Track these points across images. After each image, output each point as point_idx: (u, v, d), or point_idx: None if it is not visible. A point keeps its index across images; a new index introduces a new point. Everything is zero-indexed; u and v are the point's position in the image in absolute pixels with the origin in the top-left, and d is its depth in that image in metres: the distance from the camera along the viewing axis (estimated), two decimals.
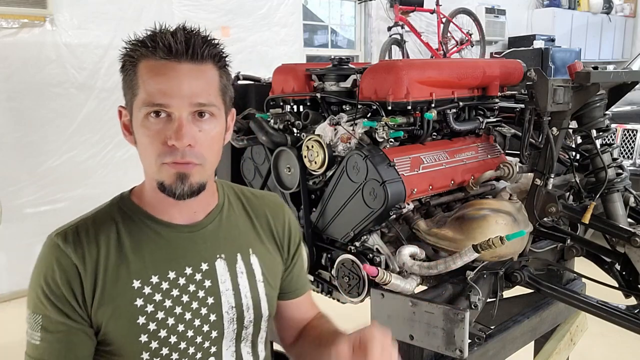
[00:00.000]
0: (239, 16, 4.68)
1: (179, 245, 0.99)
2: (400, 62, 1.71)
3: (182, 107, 0.90)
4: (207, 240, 1.02)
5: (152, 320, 0.94)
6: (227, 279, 1.03)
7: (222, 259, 1.03)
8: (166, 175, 0.92)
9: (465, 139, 1.71)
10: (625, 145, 4.10)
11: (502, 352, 1.63)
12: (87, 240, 0.94)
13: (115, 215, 0.98)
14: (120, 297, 0.93)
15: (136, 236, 0.96)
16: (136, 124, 0.94)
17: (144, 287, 0.94)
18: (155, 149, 0.91)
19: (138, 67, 0.92)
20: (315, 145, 1.57)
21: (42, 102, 3.64)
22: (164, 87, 0.90)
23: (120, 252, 0.94)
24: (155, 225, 0.98)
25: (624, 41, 9.38)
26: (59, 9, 3.63)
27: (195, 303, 0.98)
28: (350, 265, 1.50)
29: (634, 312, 1.46)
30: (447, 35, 6.04)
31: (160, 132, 0.91)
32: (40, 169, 3.67)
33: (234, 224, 1.07)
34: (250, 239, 1.09)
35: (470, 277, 1.41)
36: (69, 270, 0.91)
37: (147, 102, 0.90)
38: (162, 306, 0.95)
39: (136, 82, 0.92)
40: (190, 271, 0.99)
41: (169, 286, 0.96)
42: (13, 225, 3.47)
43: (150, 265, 0.96)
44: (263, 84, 1.99)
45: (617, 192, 1.61)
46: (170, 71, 0.90)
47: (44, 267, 0.92)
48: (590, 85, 1.48)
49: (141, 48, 0.92)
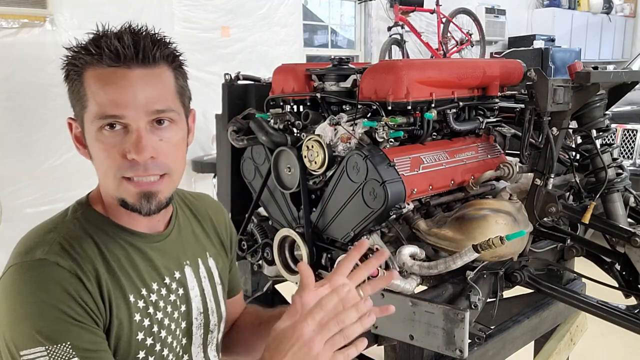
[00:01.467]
0: (239, 16, 4.68)
1: (153, 256, 0.95)
2: (400, 62, 1.71)
3: (139, 117, 0.84)
4: (173, 249, 0.99)
5: (149, 335, 0.90)
6: (195, 285, 1.01)
7: (188, 265, 1.01)
8: (128, 194, 0.87)
9: (465, 139, 1.71)
10: (625, 145, 4.10)
11: (502, 352, 1.63)
12: (77, 255, 0.85)
13: (87, 229, 0.90)
14: (122, 312, 0.87)
15: (114, 250, 0.90)
16: (89, 137, 0.86)
17: (138, 302, 0.90)
18: (114, 163, 0.85)
19: (84, 76, 0.85)
20: (315, 145, 1.57)
21: (42, 102, 3.63)
22: (116, 98, 0.82)
23: (108, 266, 0.88)
24: (128, 237, 0.93)
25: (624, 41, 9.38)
26: (59, 9, 3.64)
27: (175, 312, 0.96)
28: None
29: (634, 312, 1.46)
30: (447, 35, 6.04)
31: (117, 145, 0.84)
32: (40, 169, 3.67)
33: (188, 229, 1.06)
34: (204, 243, 1.08)
35: (470, 277, 1.41)
36: (78, 286, 0.83)
37: (99, 115, 0.83)
38: (156, 319, 0.92)
39: (84, 93, 0.85)
40: (168, 281, 0.96)
41: (156, 298, 0.93)
42: (13, 225, 3.47)
43: (136, 279, 0.91)
44: (263, 84, 1.99)
45: (617, 192, 1.61)
46: (120, 79, 0.83)
47: (51, 290, 0.81)
48: (590, 85, 1.48)
49: (85, 55, 0.84)
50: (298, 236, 1.66)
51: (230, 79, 1.94)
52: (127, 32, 0.85)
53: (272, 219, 1.83)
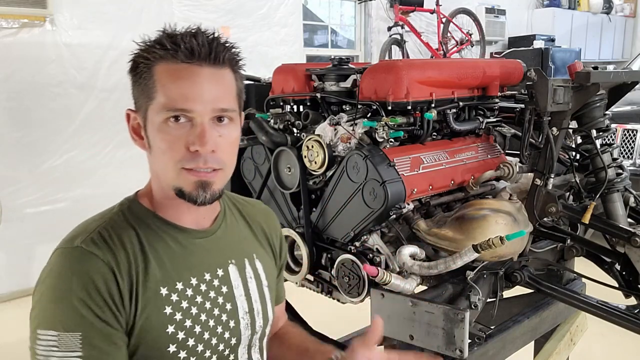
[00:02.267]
0: (239, 16, 4.68)
1: (195, 252, 0.97)
2: (400, 62, 1.71)
3: (205, 113, 0.89)
4: (218, 246, 1.01)
5: (180, 329, 0.91)
6: (240, 285, 1.02)
7: (233, 264, 1.02)
8: (185, 182, 0.90)
9: (465, 139, 1.71)
10: (625, 145, 4.10)
11: (502, 352, 1.63)
12: (114, 245, 0.89)
13: (131, 221, 0.94)
14: (151, 304, 0.89)
15: (154, 242, 0.93)
16: (152, 128, 0.91)
17: (171, 295, 0.91)
18: (176, 154, 0.89)
19: (154, 69, 0.89)
20: (315, 145, 1.57)
21: (42, 102, 3.63)
22: (186, 92, 0.87)
23: (144, 258, 0.90)
24: (171, 231, 0.96)
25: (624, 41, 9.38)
26: (59, 9, 3.63)
27: (217, 310, 0.97)
28: (350, 265, 1.50)
29: (634, 312, 1.46)
30: (447, 35, 6.04)
31: (181, 137, 0.89)
32: (40, 169, 3.67)
33: (236, 229, 1.07)
34: (252, 245, 1.10)
35: (470, 277, 1.41)
36: (108, 277, 0.85)
37: (168, 107, 0.88)
38: (189, 314, 0.92)
39: (152, 86, 0.89)
40: (208, 277, 0.97)
41: (193, 293, 0.94)
42: (13, 225, 3.47)
43: (173, 272, 0.93)
44: (263, 84, 1.99)
45: (617, 192, 1.61)
46: (192, 75, 0.88)
47: (79, 279, 0.84)
48: (590, 85, 1.48)
49: (160, 50, 0.88)
50: (298, 236, 1.66)
51: None
52: (201, 32, 0.90)
53: None
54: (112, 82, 3.80)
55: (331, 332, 1.80)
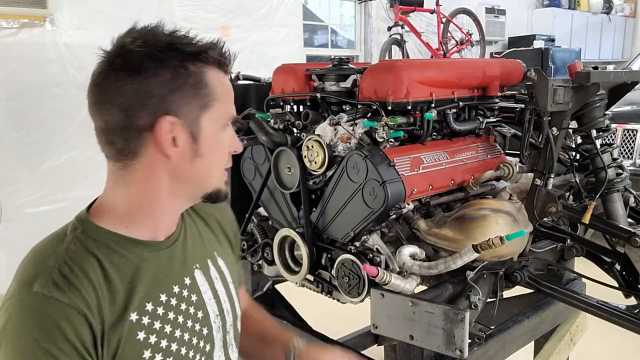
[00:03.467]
0: (239, 16, 4.68)
1: (162, 264, 0.93)
2: (400, 62, 1.71)
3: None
4: (182, 253, 0.98)
5: (157, 351, 0.88)
6: (207, 289, 1.00)
7: (198, 268, 1.00)
8: (222, 182, 0.97)
9: (465, 139, 1.71)
10: (625, 145, 4.10)
11: (502, 352, 1.63)
12: (80, 282, 0.81)
13: (90, 247, 0.86)
14: (123, 335, 0.84)
15: (119, 265, 0.87)
16: (207, 137, 0.90)
17: (142, 318, 0.87)
18: (225, 158, 0.96)
19: (208, 77, 0.90)
20: (315, 145, 1.57)
21: (42, 102, 3.63)
22: (232, 98, 0.96)
23: (110, 286, 0.84)
24: (135, 248, 0.90)
25: (624, 41, 9.38)
26: (59, 9, 3.63)
27: (190, 321, 0.95)
28: (350, 265, 1.50)
29: (634, 312, 1.46)
30: (447, 35, 6.05)
31: (228, 142, 0.96)
32: (40, 169, 3.67)
33: (195, 231, 1.05)
34: (212, 243, 1.08)
35: (470, 277, 1.41)
36: (77, 322, 0.79)
37: (227, 116, 0.94)
38: (164, 333, 0.89)
39: (208, 93, 0.90)
40: (177, 289, 0.94)
41: (164, 310, 0.91)
42: (13, 225, 3.47)
43: (143, 293, 0.88)
44: (263, 84, 1.99)
45: (617, 192, 1.61)
46: (229, 83, 0.97)
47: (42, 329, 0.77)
48: (590, 85, 1.48)
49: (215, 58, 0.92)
50: (298, 236, 1.66)
51: (230, 79, 1.94)
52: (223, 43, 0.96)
53: (272, 219, 1.83)
54: None
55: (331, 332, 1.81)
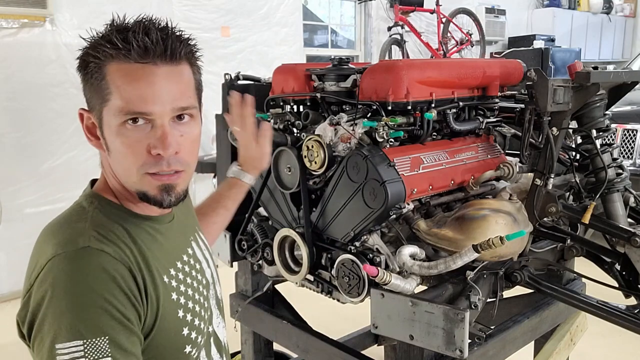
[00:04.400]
0: (239, 16, 4.68)
1: (171, 236, 0.98)
2: (400, 62, 1.71)
3: (164, 114, 0.85)
4: (180, 227, 1.04)
5: (187, 312, 0.93)
6: (202, 258, 1.06)
7: (193, 240, 1.06)
8: (149, 187, 0.88)
9: (465, 139, 1.71)
10: (625, 145, 4.10)
11: (502, 352, 1.63)
12: (119, 242, 0.86)
13: (113, 217, 0.90)
14: (161, 294, 0.88)
15: (140, 235, 0.91)
16: (109, 131, 0.86)
17: (171, 281, 0.92)
18: (138, 158, 0.86)
19: (106, 69, 0.84)
20: (315, 145, 1.57)
21: (42, 102, 3.64)
22: (144, 94, 0.83)
23: (140, 251, 0.89)
24: (146, 222, 0.94)
25: (624, 41, 9.38)
26: (59, 9, 3.64)
27: (200, 286, 1.00)
28: (350, 265, 1.50)
29: (634, 312, 1.46)
30: (447, 35, 6.05)
31: (141, 140, 0.85)
32: (40, 169, 3.68)
33: (181, 206, 1.04)
34: (191, 217, 1.13)
35: (470, 277, 1.41)
36: (125, 274, 0.83)
37: (126, 111, 0.83)
38: (188, 295, 0.94)
39: (106, 87, 0.84)
40: (185, 258, 0.99)
41: (183, 275, 0.95)
42: (13, 225, 3.48)
43: (164, 260, 0.93)
44: (263, 84, 1.98)
45: (617, 192, 1.61)
46: (148, 76, 0.83)
47: (99, 278, 0.80)
48: (590, 85, 1.48)
49: (111, 49, 0.83)
50: (298, 236, 1.66)
51: (230, 79, 1.94)
52: (154, 27, 0.85)
53: (272, 219, 1.83)
54: None
55: (331, 332, 1.80)
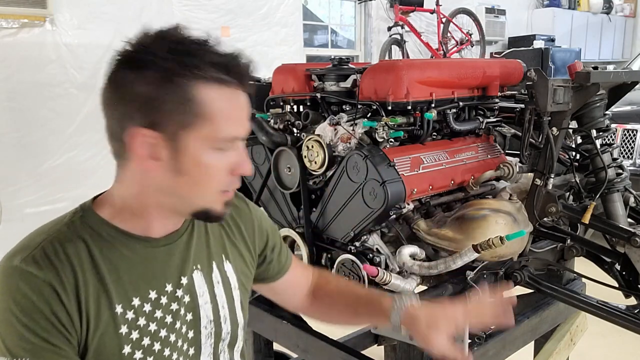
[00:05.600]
0: (239, 16, 4.68)
1: (157, 260, 0.91)
2: (400, 62, 1.71)
3: (244, 137, 0.90)
4: (183, 251, 0.95)
5: (137, 348, 0.86)
6: (205, 291, 0.97)
7: (198, 269, 0.97)
8: (219, 204, 0.90)
9: (465, 139, 1.71)
10: (625, 145, 4.10)
11: (502, 352, 1.63)
12: (59, 261, 0.81)
13: (82, 233, 0.86)
14: (104, 324, 0.83)
15: (109, 255, 0.86)
16: (189, 156, 0.83)
17: (127, 312, 0.85)
18: (220, 181, 0.87)
19: (198, 91, 0.81)
20: (315, 145, 1.57)
21: (42, 102, 3.63)
22: (236, 119, 0.86)
23: (96, 274, 0.84)
24: (129, 242, 0.88)
25: (624, 41, 9.38)
26: (59, 9, 3.63)
27: (178, 322, 0.92)
28: (350, 265, 1.50)
29: (634, 312, 1.46)
30: (447, 35, 6.04)
31: (225, 164, 0.87)
32: (40, 169, 3.67)
33: (204, 230, 1.01)
34: (222, 244, 1.04)
35: (470, 277, 1.41)
36: (50, 297, 0.79)
37: (220, 138, 0.84)
38: (147, 331, 0.87)
39: (194, 110, 0.81)
40: (170, 288, 0.91)
41: (152, 308, 0.88)
42: (13, 225, 3.47)
43: (130, 287, 0.86)
44: (263, 84, 1.98)
45: (617, 192, 1.61)
46: (239, 102, 0.87)
47: (19, 302, 0.78)
48: (590, 85, 1.48)
49: (210, 69, 0.82)
50: (298, 236, 1.66)
51: None
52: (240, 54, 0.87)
53: (272, 219, 1.83)
54: None
55: (331, 332, 1.80)
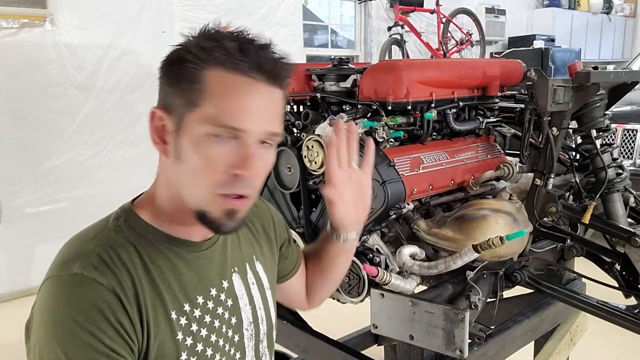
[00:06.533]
0: (239, 16, 4.68)
1: (200, 266, 0.90)
2: (400, 62, 1.71)
3: (255, 134, 0.80)
4: (221, 255, 0.95)
5: (192, 355, 0.85)
6: (244, 294, 0.96)
7: (236, 272, 0.96)
8: (215, 208, 0.82)
9: (465, 139, 1.71)
10: (625, 145, 4.10)
11: (502, 352, 1.62)
12: (117, 268, 0.79)
13: (130, 237, 0.84)
14: (163, 331, 0.82)
15: (157, 260, 0.84)
16: (188, 138, 0.80)
17: (180, 318, 0.84)
18: (214, 176, 0.80)
19: (206, 74, 0.79)
20: (315, 145, 1.57)
21: (42, 102, 3.64)
22: (243, 109, 0.79)
23: (150, 279, 0.82)
24: (174, 247, 0.87)
25: (624, 41, 9.38)
26: (59, 9, 3.63)
27: (224, 326, 0.91)
28: (350, 265, 1.50)
29: (634, 312, 1.46)
30: (447, 35, 6.04)
31: (223, 157, 0.79)
32: (40, 169, 3.67)
33: (235, 233, 0.99)
34: (251, 245, 1.04)
35: (470, 277, 1.41)
36: (115, 305, 0.77)
37: (218, 122, 0.78)
38: (200, 336, 0.86)
39: (200, 91, 0.79)
40: (214, 292, 0.91)
41: (201, 313, 0.87)
42: (13, 225, 3.47)
43: (180, 293, 0.85)
44: None
45: (617, 192, 1.61)
46: (252, 92, 0.79)
47: (84, 310, 0.75)
48: (590, 85, 1.48)
49: (221, 54, 0.79)
50: (298, 236, 1.66)
51: None
52: (268, 46, 0.82)
53: None
54: (112, 82, 3.81)
55: (331, 332, 1.80)
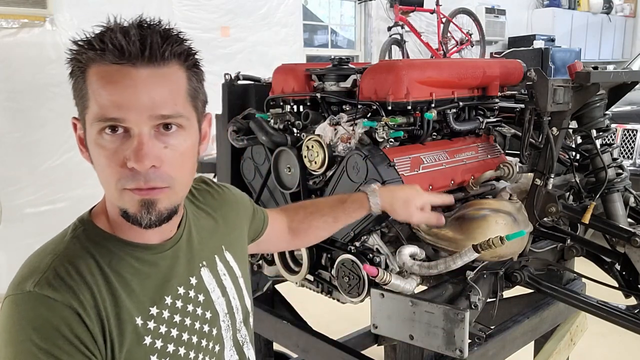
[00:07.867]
0: (239, 16, 4.68)
1: (164, 266, 0.88)
2: (400, 62, 1.71)
3: (142, 121, 0.76)
4: (186, 252, 0.93)
5: (164, 357, 0.84)
6: (215, 287, 0.96)
7: (204, 266, 0.96)
8: (129, 203, 0.79)
9: (465, 139, 1.71)
10: (625, 145, 4.10)
11: (502, 352, 1.62)
12: (74, 282, 0.77)
13: (88, 247, 0.82)
14: (128, 339, 0.80)
15: (118, 267, 0.82)
16: (90, 140, 0.79)
17: (147, 323, 0.83)
18: (115, 172, 0.77)
19: (87, 73, 0.77)
20: (315, 145, 1.57)
21: (42, 102, 3.64)
22: (117, 98, 0.75)
23: (110, 288, 0.80)
24: (134, 251, 0.85)
25: (624, 41, 9.39)
26: (59, 9, 3.64)
27: (197, 323, 0.91)
28: (350, 265, 1.50)
29: (634, 312, 1.45)
30: (447, 35, 6.05)
31: (118, 151, 0.76)
32: (40, 169, 3.67)
33: (200, 226, 0.99)
34: (218, 236, 1.03)
35: (470, 277, 1.41)
36: (72, 320, 0.75)
37: (99, 117, 0.76)
38: (170, 337, 0.85)
39: (86, 92, 0.77)
40: (183, 290, 0.90)
41: (170, 313, 0.86)
42: (13, 225, 3.47)
43: (144, 297, 0.84)
44: (263, 84, 1.98)
45: (617, 192, 1.61)
46: (123, 78, 0.75)
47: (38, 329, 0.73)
48: (590, 85, 1.48)
49: (88, 50, 0.76)
50: None
51: (230, 79, 1.94)
52: (135, 26, 0.78)
53: None
54: None
55: (331, 332, 1.80)
